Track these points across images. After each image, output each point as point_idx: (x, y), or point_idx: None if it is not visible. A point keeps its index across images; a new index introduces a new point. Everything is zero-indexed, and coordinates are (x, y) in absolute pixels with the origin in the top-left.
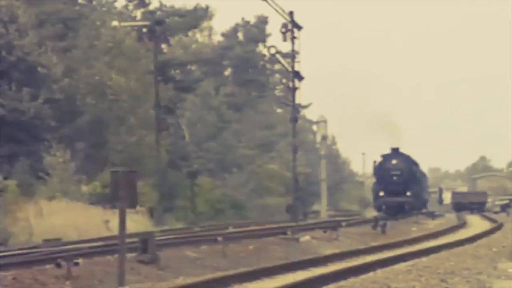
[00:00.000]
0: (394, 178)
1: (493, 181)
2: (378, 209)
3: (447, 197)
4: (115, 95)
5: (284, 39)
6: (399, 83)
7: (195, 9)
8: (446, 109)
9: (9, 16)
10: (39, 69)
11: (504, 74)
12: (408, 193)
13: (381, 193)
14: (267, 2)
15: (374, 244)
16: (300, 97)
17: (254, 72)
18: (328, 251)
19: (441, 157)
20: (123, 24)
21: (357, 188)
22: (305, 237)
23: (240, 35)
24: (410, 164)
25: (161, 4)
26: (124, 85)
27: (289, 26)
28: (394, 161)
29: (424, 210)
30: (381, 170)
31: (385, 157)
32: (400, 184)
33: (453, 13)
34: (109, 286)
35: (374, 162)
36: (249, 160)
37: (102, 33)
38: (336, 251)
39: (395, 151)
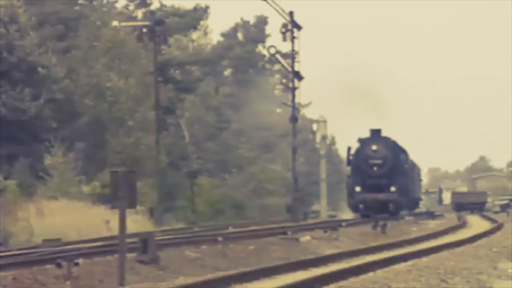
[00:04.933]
0: (374, 168)
1: (493, 181)
2: (354, 209)
3: (447, 197)
4: (114, 96)
5: (284, 39)
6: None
7: (195, 9)
8: (446, 109)
9: (9, 16)
10: (39, 69)
11: (504, 74)
12: (393, 189)
13: (358, 189)
14: (267, 2)
15: (374, 244)
16: (300, 97)
17: (253, 72)
18: (328, 251)
19: (441, 157)
20: (122, 24)
21: None
22: (305, 237)
23: (240, 35)
24: (395, 151)
25: (161, 4)
26: (124, 86)
27: (289, 26)
28: (374, 147)
29: (423, 210)
30: (357, 158)
31: (363, 142)
32: (382, 176)
33: (453, 12)
34: (109, 286)
35: (349, 148)
36: (249, 161)
37: (103, 33)
38: (336, 251)
39: (376, 134)
